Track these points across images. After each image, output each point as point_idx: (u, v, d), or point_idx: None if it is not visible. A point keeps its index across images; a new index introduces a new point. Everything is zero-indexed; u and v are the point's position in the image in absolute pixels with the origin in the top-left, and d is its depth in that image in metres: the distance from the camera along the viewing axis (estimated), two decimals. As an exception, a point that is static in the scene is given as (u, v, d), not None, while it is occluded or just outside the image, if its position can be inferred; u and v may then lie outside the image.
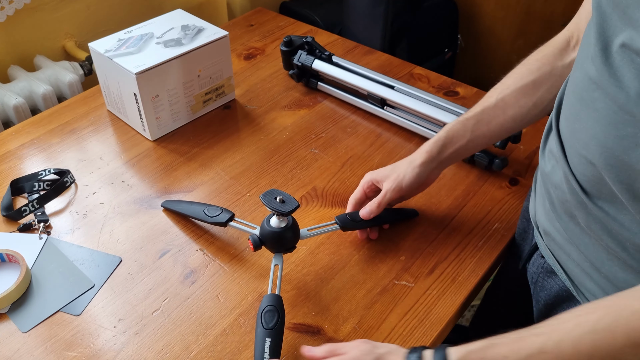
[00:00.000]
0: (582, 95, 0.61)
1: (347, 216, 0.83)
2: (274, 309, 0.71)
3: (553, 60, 0.79)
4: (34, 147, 1.03)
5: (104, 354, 0.71)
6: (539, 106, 0.79)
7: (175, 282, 0.80)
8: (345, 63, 1.14)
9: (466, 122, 0.82)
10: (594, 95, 0.59)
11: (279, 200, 0.72)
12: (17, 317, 0.75)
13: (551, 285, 0.76)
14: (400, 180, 0.82)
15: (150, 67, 0.96)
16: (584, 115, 0.61)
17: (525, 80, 0.79)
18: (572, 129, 0.64)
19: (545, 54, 0.79)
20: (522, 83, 0.79)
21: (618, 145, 0.55)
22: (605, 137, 0.58)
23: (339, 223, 0.82)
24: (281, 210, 0.71)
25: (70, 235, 0.87)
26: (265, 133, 1.07)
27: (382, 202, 0.83)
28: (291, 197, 0.73)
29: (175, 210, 0.89)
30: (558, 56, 0.78)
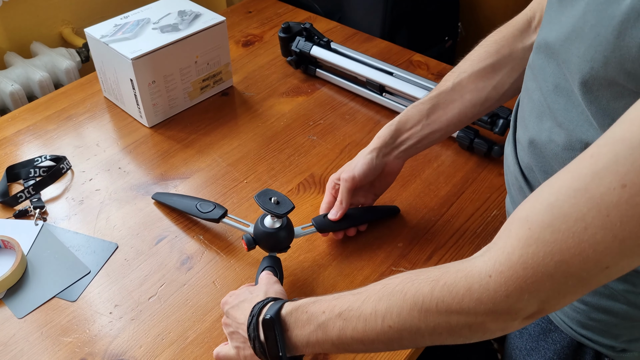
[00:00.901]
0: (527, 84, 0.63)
1: (324, 217, 0.80)
2: (272, 270, 0.72)
3: (513, 41, 0.76)
4: (30, 134, 1.02)
5: (100, 339, 0.71)
6: (499, 90, 0.77)
7: (171, 268, 0.79)
8: (343, 49, 1.13)
9: (421, 107, 0.79)
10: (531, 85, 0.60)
11: (273, 202, 0.71)
12: (12, 303, 0.75)
13: None
14: (353, 168, 0.79)
15: (147, 53, 0.95)
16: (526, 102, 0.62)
17: (484, 63, 0.77)
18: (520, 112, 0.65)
19: (505, 36, 0.77)
20: (480, 66, 0.77)
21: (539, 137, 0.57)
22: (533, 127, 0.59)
23: (316, 225, 0.79)
24: (276, 212, 0.71)
25: (66, 222, 0.86)
26: (263, 120, 1.06)
27: (342, 198, 0.79)
28: (286, 198, 0.72)
29: (166, 204, 0.88)
30: (518, 37, 0.76)
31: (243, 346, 0.63)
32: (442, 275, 0.49)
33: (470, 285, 0.47)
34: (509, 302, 0.45)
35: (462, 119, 0.79)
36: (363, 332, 0.53)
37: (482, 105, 0.77)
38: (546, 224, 0.42)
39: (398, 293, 0.51)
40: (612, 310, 0.62)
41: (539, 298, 0.44)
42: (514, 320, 0.47)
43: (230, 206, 0.88)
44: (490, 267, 0.45)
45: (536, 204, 0.43)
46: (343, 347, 0.56)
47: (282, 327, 0.58)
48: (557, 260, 0.42)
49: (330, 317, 0.55)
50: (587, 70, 0.47)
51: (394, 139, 0.79)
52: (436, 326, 0.50)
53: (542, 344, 0.72)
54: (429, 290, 0.49)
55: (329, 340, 0.56)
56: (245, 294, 0.66)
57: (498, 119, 0.92)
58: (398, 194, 0.90)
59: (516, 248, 0.43)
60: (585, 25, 0.47)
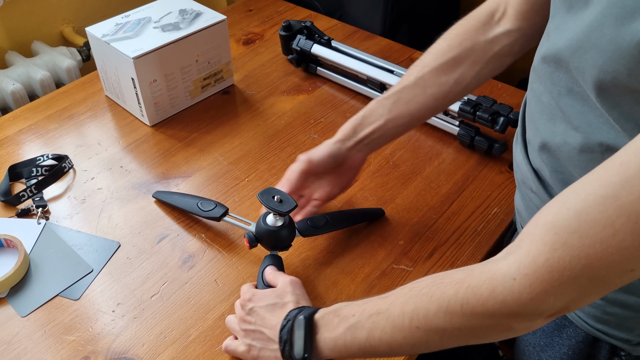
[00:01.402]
0: (533, 85, 0.63)
1: (307, 222, 0.80)
2: (274, 268, 0.73)
3: (475, 34, 0.76)
4: (31, 133, 1.02)
5: (103, 337, 0.71)
6: (460, 83, 0.77)
7: (173, 266, 0.80)
8: (344, 48, 1.13)
9: (384, 102, 0.79)
10: (539, 87, 0.60)
11: (276, 200, 0.71)
12: (15, 302, 0.75)
13: None
14: (312, 153, 0.78)
15: (148, 52, 0.96)
16: (534, 104, 0.63)
17: (446, 56, 0.76)
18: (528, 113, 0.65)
19: (467, 28, 0.76)
20: (442, 60, 0.76)
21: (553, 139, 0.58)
22: (545, 130, 0.60)
23: (298, 229, 0.78)
24: (279, 210, 0.71)
25: (68, 221, 0.86)
26: (264, 118, 1.06)
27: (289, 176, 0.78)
28: (289, 196, 0.73)
29: (167, 202, 0.88)
30: (480, 30, 0.75)
31: (260, 346, 0.64)
32: (466, 277, 0.50)
33: (494, 288, 0.47)
34: (533, 304, 0.46)
35: (424, 113, 0.79)
36: (391, 334, 0.54)
37: (445, 98, 0.78)
38: (573, 230, 0.42)
39: (424, 295, 0.52)
40: (627, 303, 0.62)
41: (564, 299, 0.45)
42: (538, 319, 0.48)
43: (232, 205, 0.88)
44: (515, 270, 0.46)
45: (562, 209, 0.44)
46: (370, 350, 0.57)
47: (313, 330, 0.59)
48: (583, 265, 0.42)
49: (360, 319, 0.56)
50: (608, 79, 0.47)
51: (356, 132, 0.79)
52: (462, 327, 0.50)
53: (557, 339, 0.72)
54: (453, 292, 0.50)
55: (356, 343, 0.56)
56: (273, 298, 0.66)
57: (499, 117, 0.92)
58: (399, 192, 0.91)
59: (542, 252, 0.44)
60: (603, 37, 0.47)
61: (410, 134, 1.02)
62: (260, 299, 0.67)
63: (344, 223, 0.84)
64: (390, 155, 0.97)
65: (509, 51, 0.76)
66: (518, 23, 0.74)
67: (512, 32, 0.74)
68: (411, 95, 0.78)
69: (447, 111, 0.98)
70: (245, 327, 0.67)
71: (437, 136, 1.01)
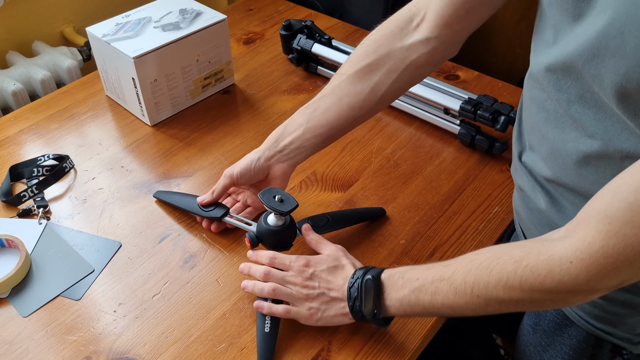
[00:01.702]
0: (532, 92, 0.63)
1: (309, 221, 0.80)
2: None
3: (391, 40, 0.73)
4: (32, 133, 1.02)
5: (105, 337, 0.71)
6: (376, 92, 0.74)
7: (175, 266, 0.80)
8: (345, 47, 1.13)
9: (304, 110, 0.77)
10: (540, 95, 0.60)
11: (277, 199, 0.72)
12: (17, 302, 0.75)
13: None
14: (233, 168, 0.79)
15: (148, 52, 0.96)
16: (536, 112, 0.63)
17: (361, 63, 0.74)
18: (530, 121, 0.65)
19: (384, 34, 0.73)
20: (358, 67, 0.74)
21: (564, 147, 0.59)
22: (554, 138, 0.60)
23: (300, 230, 0.78)
24: (280, 210, 0.71)
25: (69, 221, 0.86)
26: (264, 118, 1.06)
27: (215, 188, 0.80)
28: (290, 196, 0.73)
29: (168, 202, 0.88)
30: (397, 36, 0.72)
31: (325, 307, 0.68)
32: (524, 256, 0.53)
33: (551, 269, 0.51)
34: (589, 285, 0.49)
35: (342, 122, 0.76)
36: (453, 300, 0.58)
37: (361, 109, 0.75)
38: (627, 220, 0.45)
39: (485, 269, 0.56)
40: (629, 303, 0.62)
41: (618, 279, 0.49)
42: (594, 294, 0.52)
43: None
44: (571, 254, 0.49)
45: (614, 200, 0.46)
46: (433, 311, 0.61)
47: (380, 289, 0.64)
48: (637, 251, 0.45)
49: (424, 283, 0.61)
50: (633, 86, 0.47)
51: (277, 142, 0.78)
52: (519, 300, 0.54)
53: (558, 339, 0.72)
54: (512, 269, 0.53)
55: (420, 304, 0.61)
56: (332, 261, 0.70)
57: (499, 116, 0.92)
58: (400, 191, 0.91)
59: (597, 240, 0.47)
60: (625, 45, 0.47)
61: (411, 133, 1.02)
62: (319, 264, 0.70)
63: (345, 222, 0.84)
64: (390, 154, 0.98)
65: (426, 60, 0.73)
66: (438, 30, 0.70)
67: (430, 40, 0.71)
68: (328, 104, 0.76)
69: (448, 110, 0.98)
70: (307, 292, 0.68)
71: (438, 135, 1.01)
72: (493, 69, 1.62)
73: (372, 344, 0.70)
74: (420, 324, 0.72)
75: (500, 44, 1.91)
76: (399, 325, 0.72)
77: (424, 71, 0.75)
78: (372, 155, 0.97)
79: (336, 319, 0.68)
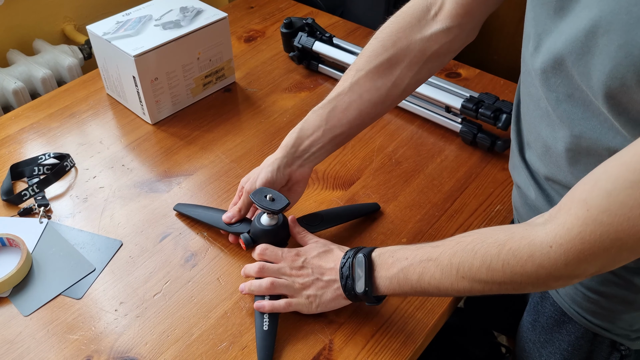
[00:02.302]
0: (529, 89, 0.62)
1: (302, 220, 0.80)
2: None
3: (410, 32, 0.71)
4: (33, 132, 1.02)
5: (106, 336, 0.71)
6: (399, 86, 0.73)
7: (176, 265, 0.80)
8: (346, 45, 1.12)
9: (320, 112, 0.75)
10: (536, 92, 0.60)
11: (268, 199, 0.72)
12: (18, 301, 0.75)
13: None
14: (254, 181, 0.77)
15: (149, 50, 0.95)
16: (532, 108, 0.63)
17: (380, 58, 0.72)
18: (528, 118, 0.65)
19: (401, 26, 0.72)
20: (377, 62, 0.72)
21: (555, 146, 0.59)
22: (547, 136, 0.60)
23: None
24: (272, 209, 0.71)
25: (70, 219, 0.86)
26: (266, 116, 1.06)
27: (241, 207, 0.78)
28: (281, 195, 0.72)
29: (190, 216, 0.85)
30: (416, 27, 0.71)
31: (320, 293, 0.69)
32: (507, 240, 0.54)
33: (532, 253, 0.52)
34: (568, 269, 0.51)
35: (364, 119, 0.76)
36: (439, 280, 0.60)
37: (383, 103, 0.75)
38: (603, 208, 0.46)
39: (470, 251, 0.57)
40: (625, 299, 0.62)
41: (596, 265, 0.50)
42: (575, 279, 0.53)
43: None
44: (551, 238, 0.51)
45: (594, 189, 0.47)
46: (420, 290, 0.63)
47: (371, 267, 0.65)
48: (612, 238, 0.46)
49: (412, 263, 0.62)
50: (616, 85, 0.47)
51: (295, 148, 0.76)
52: (502, 282, 0.56)
53: (557, 335, 0.72)
54: (496, 252, 0.55)
55: (408, 283, 0.62)
56: (320, 247, 0.72)
57: (501, 114, 0.92)
58: (401, 189, 0.90)
59: (575, 225, 0.48)
60: (611, 44, 0.46)
61: (413, 131, 1.01)
62: (309, 251, 0.72)
63: (339, 220, 0.84)
64: (392, 152, 0.97)
65: (447, 49, 0.72)
66: (458, 18, 0.69)
67: (451, 29, 0.70)
68: (347, 102, 0.74)
69: (450, 108, 0.98)
70: (302, 280, 0.70)
71: (440, 133, 1.01)
72: (495, 66, 1.61)
73: (373, 343, 0.70)
74: (421, 323, 0.72)
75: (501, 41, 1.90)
76: (401, 324, 0.72)
77: (444, 59, 0.75)
78: (374, 153, 0.97)
79: (332, 303, 0.69)
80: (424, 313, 0.73)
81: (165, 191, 0.91)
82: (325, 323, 0.72)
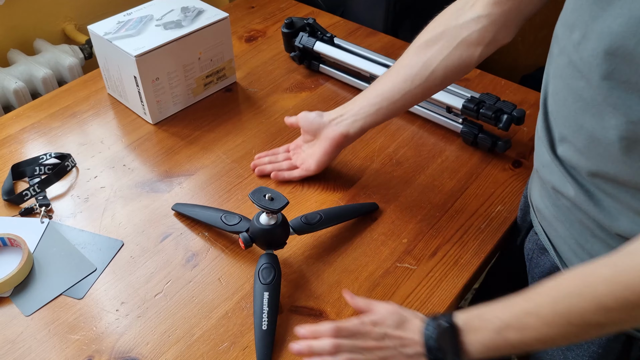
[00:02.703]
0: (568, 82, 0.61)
1: (301, 219, 0.80)
2: (270, 266, 0.74)
3: (449, 19, 0.77)
4: (34, 131, 1.02)
5: (107, 336, 0.71)
6: (428, 67, 0.78)
7: (177, 265, 0.80)
8: (347, 45, 1.12)
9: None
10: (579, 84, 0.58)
11: (267, 198, 0.72)
12: (19, 301, 0.75)
13: (544, 262, 0.76)
14: None
15: (150, 50, 0.95)
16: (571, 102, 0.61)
17: (422, 39, 0.79)
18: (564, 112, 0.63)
19: (445, 12, 0.78)
20: (419, 42, 0.79)
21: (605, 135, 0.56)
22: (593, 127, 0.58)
23: (292, 227, 0.79)
24: (271, 208, 0.71)
25: (72, 219, 0.86)
26: (266, 116, 1.06)
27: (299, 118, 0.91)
28: (280, 194, 0.73)
29: (188, 216, 0.86)
30: (454, 14, 0.76)
31: None
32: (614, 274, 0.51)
33: None
34: None
35: (394, 95, 0.82)
36: (546, 332, 0.55)
37: (412, 82, 0.79)
38: None
39: (575, 295, 0.53)
40: None
41: None
42: None
43: (235, 202, 0.88)
44: None
45: None
46: (522, 347, 0.58)
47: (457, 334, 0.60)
48: None
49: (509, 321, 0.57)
50: None
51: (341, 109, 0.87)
52: (620, 321, 0.52)
53: None
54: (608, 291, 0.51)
55: (509, 343, 0.58)
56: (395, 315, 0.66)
57: (502, 114, 0.92)
58: (402, 190, 0.90)
59: None
60: None
61: (414, 131, 1.01)
62: (384, 321, 0.66)
63: (338, 219, 0.84)
64: (393, 152, 0.97)
65: (477, 39, 0.75)
66: (489, 8, 0.73)
67: (481, 18, 0.74)
68: (387, 74, 0.83)
69: (451, 109, 0.98)
70: (383, 354, 0.64)
71: (440, 133, 1.01)
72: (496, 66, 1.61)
73: (374, 344, 0.70)
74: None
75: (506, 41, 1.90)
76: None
77: (474, 51, 0.76)
78: (375, 153, 0.97)
79: None
80: (428, 312, 0.73)
81: (166, 191, 0.91)
82: (326, 323, 0.73)
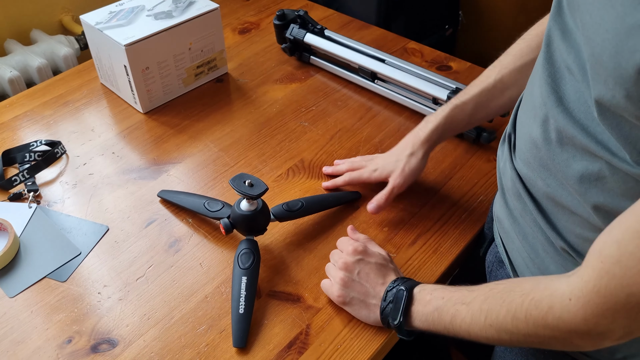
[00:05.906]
0: (532, 90, 0.61)
1: (283, 206, 0.82)
2: (249, 251, 0.75)
3: None
4: (27, 119, 1.04)
5: (88, 318, 0.73)
6: None
7: (160, 250, 0.81)
8: (337, 37, 1.13)
9: (464, 107, 0.80)
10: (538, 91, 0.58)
11: (247, 184, 0.73)
12: (4, 283, 0.77)
13: (502, 275, 0.75)
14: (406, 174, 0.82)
15: (140, 39, 0.97)
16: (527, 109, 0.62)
17: (525, 58, 0.74)
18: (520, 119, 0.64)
19: None
20: (522, 62, 0.74)
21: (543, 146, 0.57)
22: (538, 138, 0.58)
23: (273, 214, 0.80)
24: (250, 194, 0.72)
25: (59, 205, 0.88)
26: (256, 106, 1.07)
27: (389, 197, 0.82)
28: (260, 180, 0.74)
29: (172, 202, 0.87)
30: None
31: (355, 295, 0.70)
32: (532, 289, 0.53)
33: (552, 304, 0.50)
34: (588, 325, 0.48)
35: (499, 112, 0.81)
36: (469, 324, 0.59)
37: None
38: (615, 260, 0.44)
39: (499, 299, 0.56)
40: None
41: (619, 324, 0.46)
42: (604, 340, 0.49)
43: (220, 190, 0.90)
44: (570, 291, 0.49)
45: (608, 239, 0.45)
46: (452, 331, 0.62)
47: (410, 301, 0.66)
48: (627, 293, 0.43)
49: (447, 304, 0.62)
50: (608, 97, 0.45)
51: (440, 139, 0.83)
52: (527, 334, 0.54)
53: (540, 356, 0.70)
54: (520, 302, 0.54)
55: (441, 323, 0.62)
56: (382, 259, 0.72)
57: (487, 106, 0.92)
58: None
59: (591, 278, 0.46)
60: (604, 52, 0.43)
61: (400, 122, 1.02)
62: (371, 256, 0.72)
63: (320, 207, 0.85)
64: (379, 143, 0.98)
65: None
66: None
67: None
68: (490, 98, 0.78)
69: (437, 100, 0.99)
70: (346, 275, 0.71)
71: (427, 125, 1.02)
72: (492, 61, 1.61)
73: (350, 329, 0.71)
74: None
75: (499, 36, 1.90)
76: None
77: None
78: (360, 144, 0.98)
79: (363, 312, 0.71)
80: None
81: (153, 178, 0.92)
82: (303, 308, 0.74)
